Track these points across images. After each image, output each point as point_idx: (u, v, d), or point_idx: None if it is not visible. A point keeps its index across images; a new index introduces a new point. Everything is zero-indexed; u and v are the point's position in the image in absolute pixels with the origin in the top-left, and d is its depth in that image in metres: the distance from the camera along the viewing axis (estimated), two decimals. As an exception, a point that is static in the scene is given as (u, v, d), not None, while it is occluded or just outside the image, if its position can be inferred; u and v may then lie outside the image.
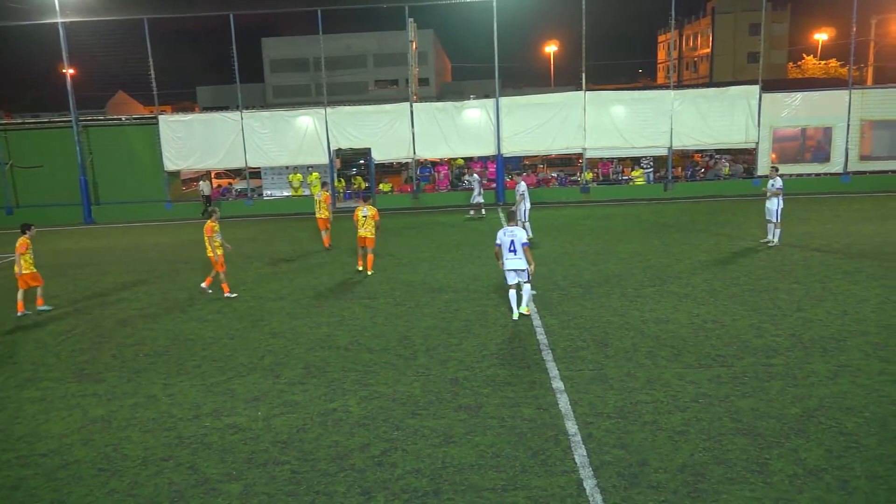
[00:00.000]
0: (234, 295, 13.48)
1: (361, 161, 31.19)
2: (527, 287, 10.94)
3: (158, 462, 6.79)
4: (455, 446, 6.79)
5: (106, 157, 27.88)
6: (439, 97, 57.57)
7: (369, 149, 27.35)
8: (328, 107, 27.28)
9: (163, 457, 6.89)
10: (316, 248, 18.66)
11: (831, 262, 14.16)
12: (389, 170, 36.74)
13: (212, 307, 12.81)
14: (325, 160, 27.60)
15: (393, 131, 27.16)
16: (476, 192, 24.35)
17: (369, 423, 7.43)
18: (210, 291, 13.64)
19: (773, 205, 15.82)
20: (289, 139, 27.46)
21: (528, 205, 18.00)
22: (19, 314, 12.79)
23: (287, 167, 29.11)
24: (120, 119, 30.03)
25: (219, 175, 35.39)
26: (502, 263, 10.69)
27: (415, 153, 27.37)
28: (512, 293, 10.89)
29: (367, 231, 14.69)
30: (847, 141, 26.32)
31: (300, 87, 66.46)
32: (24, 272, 12.74)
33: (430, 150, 27.93)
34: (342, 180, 30.42)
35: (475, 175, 25.47)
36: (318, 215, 18.53)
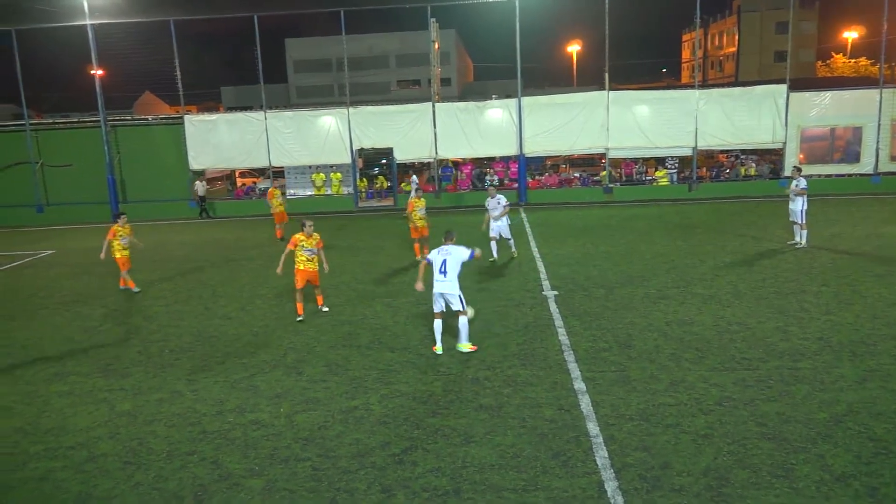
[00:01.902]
0: (326, 309, 12.09)
1: (384, 161, 31.30)
2: (463, 319, 9.37)
3: (183, 456, 6.88)
4: (476, 446, 6.78)
5: (133, 156, 28.35)
6: (461, 97, 57.53)
7: (391, 148, 27.45)
8: (351, 107, 27.41)
9: (187, 451, 6.98)
10: (335, 249, 18.79)
11: (861, 264, 13.88)
12: (411, 169, 36.85)
13: (234, 304, 12.94)
14: (347, 160, 27.77)
15: (415, 131, 27.22)
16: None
17: (390, 421, 7.45)
18: (325, 309, 12.17)
19: (798, 206, 15.54)
20: (311, 139, 27.66)
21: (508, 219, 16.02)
22: (122, 288, 14.53)
23: (310, 167, 29.33)
24: (147, 119, 30.49)
25: (243, 174, 35.80)
26: (419, 284, 9.59)
27: (437, 153, 27.40)
28: (438, 323, 9.44)
29: (417, 221, 16.04)
30: (878, 141, 25.79)
31: (323, 88, 66.87)
32: (116, 256, 14.12)
33: (452, 150, 27.93)
34: (364, 180, 30.57)
35: (414, 177, 26.03)
36: (272, 210, 21.20)
